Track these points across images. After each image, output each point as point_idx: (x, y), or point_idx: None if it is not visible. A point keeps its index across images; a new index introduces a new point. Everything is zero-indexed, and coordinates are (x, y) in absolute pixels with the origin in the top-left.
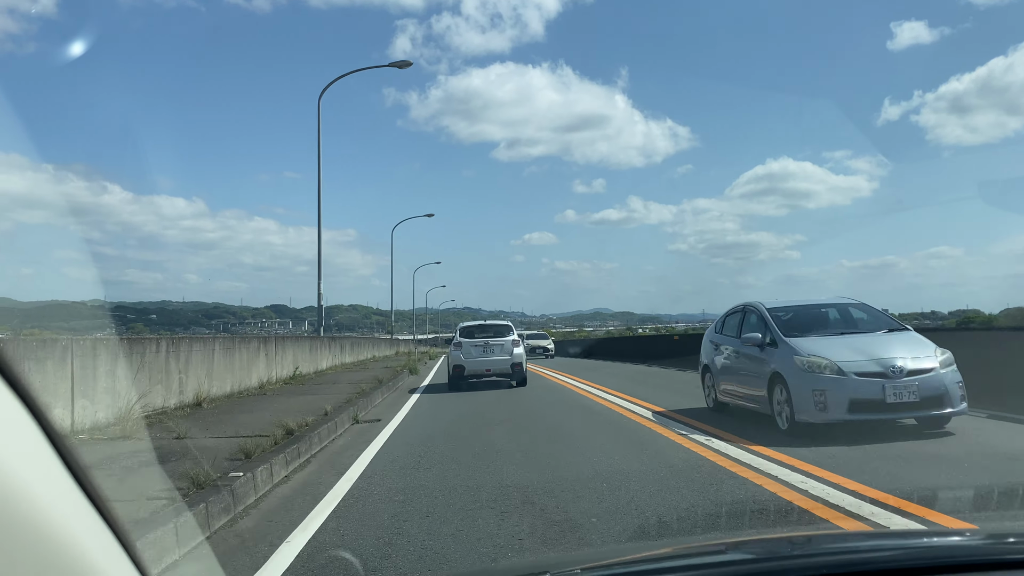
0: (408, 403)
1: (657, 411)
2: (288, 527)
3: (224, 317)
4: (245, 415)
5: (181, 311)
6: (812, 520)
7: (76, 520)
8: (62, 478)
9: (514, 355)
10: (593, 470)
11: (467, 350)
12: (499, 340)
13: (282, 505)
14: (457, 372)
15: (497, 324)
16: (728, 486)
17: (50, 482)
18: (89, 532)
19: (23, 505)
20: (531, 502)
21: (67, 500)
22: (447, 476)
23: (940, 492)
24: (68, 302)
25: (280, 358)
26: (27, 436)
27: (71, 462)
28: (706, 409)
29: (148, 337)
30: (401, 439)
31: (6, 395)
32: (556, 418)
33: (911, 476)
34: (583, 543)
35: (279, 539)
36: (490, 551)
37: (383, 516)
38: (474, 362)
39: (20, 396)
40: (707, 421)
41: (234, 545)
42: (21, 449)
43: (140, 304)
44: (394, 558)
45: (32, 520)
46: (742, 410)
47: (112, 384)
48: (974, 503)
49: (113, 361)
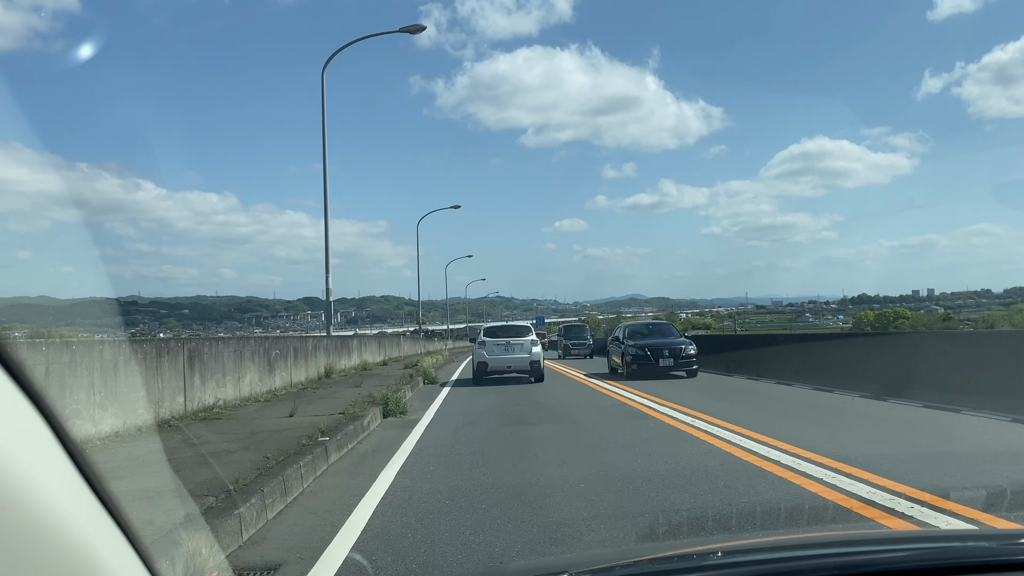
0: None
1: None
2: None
3: (257, 311)
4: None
5: (214, 306)
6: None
7: (87, 523)
8: (73, 479)
9: (532, 353)
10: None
11: (490, 348)
12: (519, 340)
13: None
14: (481, 368)
15: (517, 325)
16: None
17: (61, 483)
18: (101, 536)
19: (35, 507)
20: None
21: (78, 502)
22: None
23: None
24: (102, 299)
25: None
26: (40, 440)
27: (82, 464)
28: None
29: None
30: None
31: (16, 396)
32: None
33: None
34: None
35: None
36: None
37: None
38: (496, 360)
39: (31, 398)
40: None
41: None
42: (34, 452)
43: (174, 300)
44: None
45: (44, 522)
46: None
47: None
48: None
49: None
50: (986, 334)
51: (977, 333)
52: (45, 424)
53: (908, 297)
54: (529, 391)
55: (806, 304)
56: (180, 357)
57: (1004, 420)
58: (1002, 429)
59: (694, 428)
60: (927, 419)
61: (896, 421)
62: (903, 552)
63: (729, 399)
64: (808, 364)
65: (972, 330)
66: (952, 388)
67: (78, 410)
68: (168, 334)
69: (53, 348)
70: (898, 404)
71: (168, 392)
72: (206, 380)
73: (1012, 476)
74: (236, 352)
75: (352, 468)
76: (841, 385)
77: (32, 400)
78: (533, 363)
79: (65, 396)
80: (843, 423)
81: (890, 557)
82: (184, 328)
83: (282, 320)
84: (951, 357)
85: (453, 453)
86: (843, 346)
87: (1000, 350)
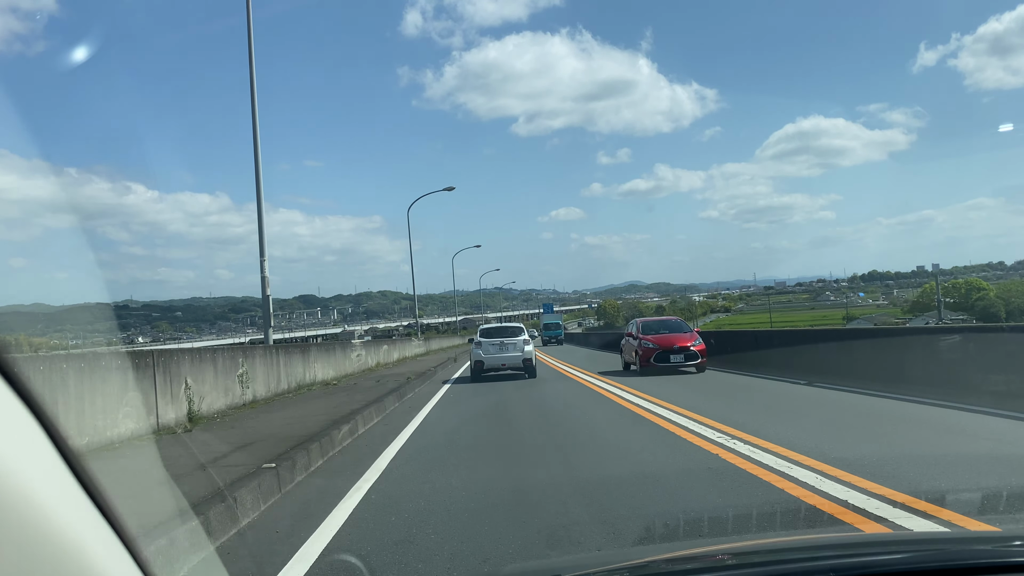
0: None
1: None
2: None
3: (252, 311)
4: None
5: (208, 307)
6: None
7: (82, 526)
8: (71, 487)
9: (525, 352)
10: None
11: (486, 348)
12: (513, 340)
13: None
14: (478, 366)
15: (511, 326)
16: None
17: (59, 490)
18: (96, 539)
19: (32, 513)
20: None
21: (74, 507)
22: None
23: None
24: (93, 304)
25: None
26: (37, 445)
27: (79, 471)
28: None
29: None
30: None
31: (14, 402)
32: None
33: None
34: None
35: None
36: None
37: None
38: (492, 358)
39: (28, 403)
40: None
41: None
42: (32, 458)
43: (168, 302)
44: None
45: (39, 526)
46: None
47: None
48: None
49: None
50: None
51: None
52: (41, 430)
53: (920, 272)
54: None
55: (815, 283)
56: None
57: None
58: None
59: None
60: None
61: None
62: (899, 555)
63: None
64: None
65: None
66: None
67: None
68: (145, 339)
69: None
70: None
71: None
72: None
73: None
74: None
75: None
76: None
77: (28, 406)
78: (526, 360)
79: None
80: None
81: (886, 560)
82: (177, 331)
83: (277, 319)
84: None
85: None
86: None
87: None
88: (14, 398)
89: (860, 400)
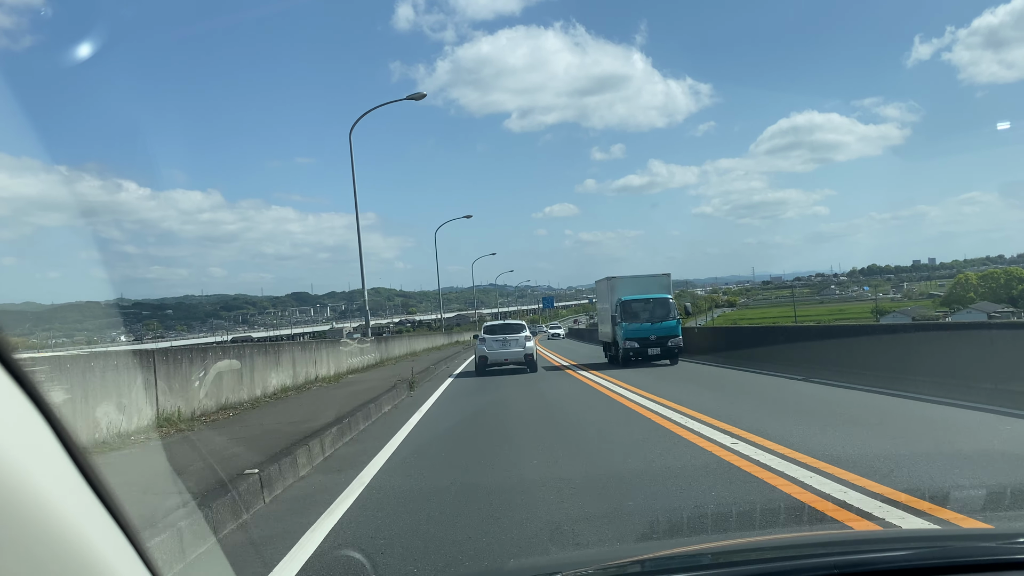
0: None
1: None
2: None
3: (244, 308)
4: None
5: (200, 305)
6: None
7: (88, 521)
8: (77, 483)
9: (526, 347)
10: None
11: (490, 344)
12: (515, 336)
13: None
14: (482, 361)
15: (513, 323)
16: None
17: (65, 485)
18: (102, 535)
19: (40, 508)
20: None
21: (80, 502)
22: None
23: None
24: (83, 303)
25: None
26: (43, 441)
27: (85, 467)
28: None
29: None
30: None
31: (19, 397)
32: None
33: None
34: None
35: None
36: None
37: None
38: (495, 353)
39: (33, 399)
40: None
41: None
42: (38, 453)
43: (159, 300)
44: None
45: (47, 521)
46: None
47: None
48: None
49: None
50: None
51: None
52: (47, 425)
53: (920, 266)
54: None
55: (814, 278)
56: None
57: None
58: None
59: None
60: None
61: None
62: (902, 551)
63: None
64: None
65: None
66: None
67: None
68: (129, 338)
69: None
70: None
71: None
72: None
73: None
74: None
75: None
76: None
77: (34, 401)
78: (527, 355)
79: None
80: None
81: (888, 556)
82: (167, 329)
83: (269, 316)
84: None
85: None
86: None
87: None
88: (21, 395)
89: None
